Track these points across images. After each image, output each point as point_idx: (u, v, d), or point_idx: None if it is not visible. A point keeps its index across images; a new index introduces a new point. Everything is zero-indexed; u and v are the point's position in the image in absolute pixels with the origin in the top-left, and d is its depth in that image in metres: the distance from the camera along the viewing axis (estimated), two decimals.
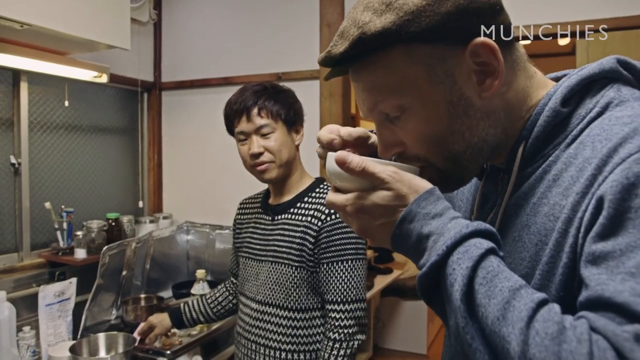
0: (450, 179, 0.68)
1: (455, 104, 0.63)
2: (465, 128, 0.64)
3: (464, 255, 0.55)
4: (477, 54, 0.62)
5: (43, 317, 1.77)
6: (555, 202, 0.59)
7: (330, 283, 1.36)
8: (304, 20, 2.43)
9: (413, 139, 0.66)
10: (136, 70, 2.62)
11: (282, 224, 1.45)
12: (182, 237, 2.61)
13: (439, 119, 0.63)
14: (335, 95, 2.36)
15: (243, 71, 2.57)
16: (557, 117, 0.63)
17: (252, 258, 1.51)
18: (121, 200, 2.64)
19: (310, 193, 1.46)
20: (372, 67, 0.64)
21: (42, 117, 2.19)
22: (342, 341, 1.33)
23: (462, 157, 0.66)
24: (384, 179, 0.61)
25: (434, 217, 0.59)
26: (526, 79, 0.67)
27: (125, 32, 1.95)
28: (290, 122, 1.46)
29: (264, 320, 1.43)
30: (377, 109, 0.67)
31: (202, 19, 2.71)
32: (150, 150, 2.79)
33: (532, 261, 0.61)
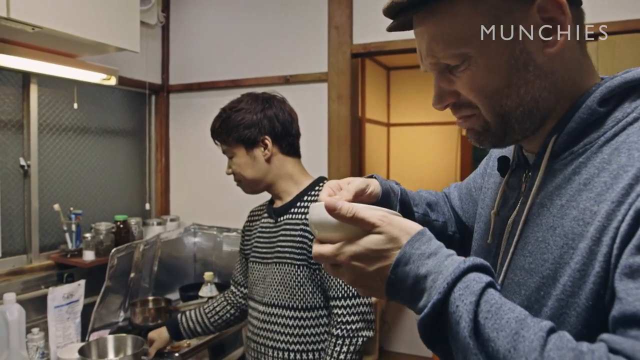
0: (492, 134, 0.67)
1: (517, 57, 0.62)
2: (522, 83, 0.63)
3: (466, 291, 0.54)
4: (545, 10, 0.61)
5: (52, 319, 1.77)
6: (586, 207, 0.58)
7: (332, 279, 1.37)
8: (312, 23, 2.43)
9: (469, 88, 0.65)
10: (144, 72, 2.63)
11: (284, 224, 1.47)
12: (189, 240, 2.61)
13: (498, 70, 0.63)
14: (343, 97, 2.36)
15: (251, 74, 2.58)
16: (592, 115, 0.63)
17: (259, 262, 1.53)
18: (129, 202, 2.64)
19: (309, 192, 1.48)
20: (438, 14, 0.64)
21: (51, 120, 2.20)
22: (345, 337, 1.32)
23: (511, 114, 0.65)
24: (374, 223, 0.61)
25: (429, 256, 0.59)
26: (583, 57, 0.67)
27: (134, 35, 1.95)
28: (247, 141, 1.46)
29: (271, 322, 1.44)
30: (438, 59, 0.66)
31: (210, 21, 2.71)
32: (158, 153, 2.79)
33: (556, 264, 0.60)
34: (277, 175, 1.49)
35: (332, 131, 2.39)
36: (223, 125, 1.48)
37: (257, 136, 1.45)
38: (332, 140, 2.39)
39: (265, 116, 1.46)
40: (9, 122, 2.04)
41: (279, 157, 1.49)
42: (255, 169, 1.47)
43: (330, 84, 2.38)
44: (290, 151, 1.52)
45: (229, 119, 1.46)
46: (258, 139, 1.46)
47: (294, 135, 1.53)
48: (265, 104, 1.48)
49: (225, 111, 1.49)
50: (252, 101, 1.48)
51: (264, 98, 1.50)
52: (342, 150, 2.37)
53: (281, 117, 1.48)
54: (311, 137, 2.45)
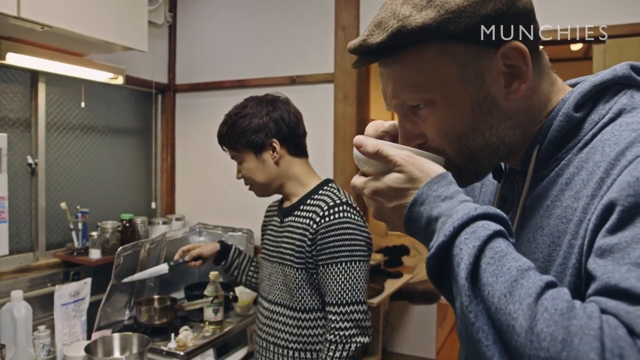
0: (465, 174, 0.70)
1: (480, 102, 0.65)
2: (486, 127, 0.66)
3: (472, 236, 0.55)
4: (508, 57, 0.64)
5: (58, 317, 1.78)
6: (568, 205, 0.61)
7: (327, 285, 1.38)
8: (319, 24, 2.43)
9: (434, 132, 0.67)
10: (151, 72, 2.64)
11: (288, 226, 1.49)
12: (194, 239, 2.61)
13: (463, 116, 0.65)
14: (349, 98, 2.36)
15: (257, 74, 2.58)
16: (570, 122, 0.65)
17: (267, 259, 1.56)
18: (135, 201, 2.65)
19: (313, 195, 1.49)
20: (405, 61, 0.65)
21: (58, 118, 2.21)
22: (337, 343, 1.33)
23: (478, 154, 0.67)
24: (396, 161, 0.63)
25: (444, 199, 0.60)
26: (549, 85, 0.69)
27: (142, 34, 1.96)
28: (255, 146, 1.47)
29: (274, 320, 1.48)
30: (403, 102, 0.68)
31: (217, 21, 2.72)
32: (164, 152, 2.80)
33: (545, 262, 0.62)
34: (286, 177, 1.51)
35: (338, 132, 2.39)
36: (230, 132, 1.49)
37: (265, 140, 1.47)
38: (338, 141, 2.39)
39: (271, 119, 1.47)
40: (17, 120, 2.05)
41: (287, 159, 1.50)
42: (265, 173, 1.49)
43: (337, 84, 2.38)
44: (298, 152, 1.53)
45: (236, 125, 1.47)
46: (266, 143, 1.47)
47: (301, 136, 1.54)
48: (270, 106, 1.49)
49: (231, 117, 1.50)
50: (257, 105, 1.49)
51: (268, 101, 1.50)
52: (348, 151, 2.37)
53: (287, 119, 1.49)
54: (317, 138, 2.45)
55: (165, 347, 1.91)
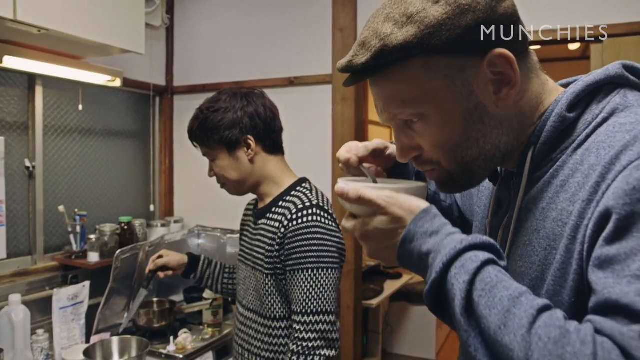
0: (457, 183, 0.71)
1: (471, 111, 0.65)
2: (480, 135, 0.66)
3: (461, 270, 0.56)
4: (494, 64, 0.63)
5: (57, 320, 1.78)
6: (563, 208, 0.61)
7: (293, 292, 1.29)
8: (316, 25, 2.43)
9: (429, 144, 0.68)
10: (148, 74, 2.64)
11: (260, 229, 1.42)
12: (193, 241, 2.61)
13: (455, 126, 0.66)
14: (348, 99, 2.36)
15: (255, 76, 2.58)
16: (563, 122, 0.65)
17: (242, 262, 1.50)
18: (133, 204, 2.64)
19: (285, 196, 1.40)
20: (391, 78, 0.66)
21: (56, 121, 2.21)
22: (300, 354, 1.24)
23: (474, 164, 0.68)
24: (379, 204, 0.64)
25: (431, 235, 0.61)
26: (539, 86, 0.69)
27: (139, 37, 1.96)
28: (229, 143, 1.38)
29: (248, 326, 1.42)
30: (394, 116, 0.69)
31: (215, 23, 2.72)
32: (162, 154, 2.80)
33: (542, 265, 0.63)
34: (261, 176, 1.43)
35: (337, 133, 2.39)
36: (202, 127, 1.39)
37: (239, 137, 1.38)
38: (337, 142, 2.39)
39: (246, 114, 1.38)
40: (15, 123, 2.05)
41: (262, 157, 1.42)
42: (239, 171, 1.40)
43: (335, 85, 2.38)
44: (274, 149, 1.45)
45: (208, 120, 1.37)
46: (240, 140, 1.38)
47: (277, 132, 1.46)
48: (245, 100, 1.40)
49: (203, 111, 1.40)
50: (231, 98, 1.40)
51: (242, 94, 1.42)
52: None
53: (262, 114, 1.41)
54: (315, 139, 2.45)
55: (164, 350, 1.90)
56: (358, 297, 2.43)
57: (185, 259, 1.66)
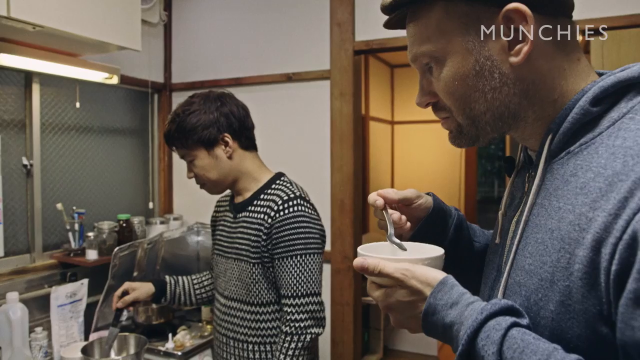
0: (464, 135, 0.72)
1: (482, 63, 0.65)
2: (488, 89, 0.65)
3: (487, 342, 0.58)
4: (510, 19, 0.63)
5: (55, 318, 1.78)
6: (582, 213, 0.58)
7: (283, 278, 1.39)
8: (314, 20, 2.42)
9: (442, 90, 0.69)
10: (146, 71, 2.63)
11: (242, 221, 1.48)
12: (192, 238, 2.60)
13: (465, 76, 0.66)
14: (346, 95, 2.34)
15: (253, 72, 2.57)
16: (585, 115, 0.63)
17: (221, 255, 1.55)
18: (132, 201, 2.64)
19: (266, 190, 1.48)
20: (416, 18, 0.70)
21: (53, 119, 2.20)
22: (293, 334, 1.36)
23: (481, 119, 0.68)
24: (397, 278, 0.67)
25: (451, 306, 0.63)
26: (565, 61, 0.66)
27: (136, 33, 1.95)
28: (207, 142, 1.44)
29: (232, 315, 1.49)
30: (415, 57, 0.71)
31: (212, 19, 2.71)
32: (161, 152, 2.79)
33: (553, 267, 0.60)
34: (239, 172, 1.50)
35: (335, 129, 2.38)
36: (179, 129, 1.45)
37: (217, 135, 1.44)
38: (335, 138, 2.38)
39: (221, 114, 1.45)
40: (12, 121, 2.04)
41: (239, 153, 1.49)
42: (219, 169, 1.47)
43: (333, 81, 2.36)
44: (249, 145, 1.52)
45: (185, 122, 1.44)
46: (218, 138, 1.45)
47: (250, 129, 1.53)
48: (218, 101, 1.47)
49: (179, 115, 1.46)
50: (204, 101, 1.46)
51: (215, 96, 1.49)
52: (345, 148, 2.36)
53: (236, 113, 1.48)
54: (314, 135, 2.44)
55: (162, 348, 1.90)
56: (358, 293, 2.42)
57: (152, 287, 1.67)
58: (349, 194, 2.36)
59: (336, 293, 2.39)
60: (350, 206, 2.36)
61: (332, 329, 2.39)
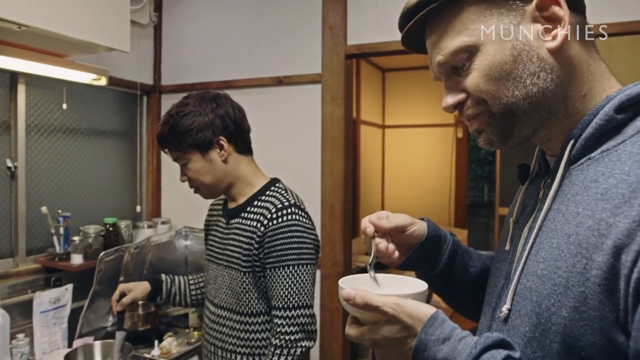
0: (499, 128, 0.69)
1: (520, 49, 0.65)
2: (527, 74, 0.65)
3: None
4: (544, 7, 0.64)
5: (38, 325, 1.74)
6: (602, 218, 0.57)
7: (274, 289, 1.35)
8: (306, 23, 2.40)
9: (475, 83, 0.68)
10: (136, 73, 2.59)
11: (234, 228, 1.45)
12: (180, 243, 2.57)
13: (503, 62, 0.65)
14: (337, 99, 2.33)
15: (244, 75, 2.55)
16: (609, 122, 0.63)
17: (212, 261, 1.52)
18: (119, 204, 2.60)
19: (260, 196, 1.44)
20: (445, 15, 0.69)
21: (39, 120, 2.16)
22: (283, 347, 1.32)
23: (518, 107, 0.66)
24: (387, 312, 0.65)
25: (443, 341, 0.63)
26: (590, 58, 0.67)
27: (125, 35, 1.92)
28: (202, 145, 1.40)
29: (221, 324, 1.45)
30: (446, 57, 0.69)
31: (203, 21, 2.68)
32: (149, 154, 2.76)
33: (568, 272, 0.59)
34: (234, 176, 1.45)
35: (326, 133, 2.36)
36: (173, 132, 1.40)
37: (212, 138, 1.40)
38: (326, 143, 2.36)
39: (217, 116, 1.41)
40: None
41: (234, 157, 1.45)
42: (214, 173, 1.42)
43: (324, 85, 2.35)
44: (244, 149, 1.48)
45: (179, 124, 1.39)
46: (213, 141, 1.40)
47: (246, 132, 1.49)
48: (214, 103, 1.42)
49: (173, 116, 1.41)
50: (199, 102, 1.42)
51: (210, 97, 1.44)
52: (336, 152, 2.34)
53: (232, 115, 1.44)
54: (304, 139, 2.42)
55: (148, 355, 1.87)
56: None
57: (148, 286, 1.64)
58: (340, 198, 2.34)
59: (325, 299, 2.37)
60: (341, 211, 2.34)
61: (321, 335, 2.37)
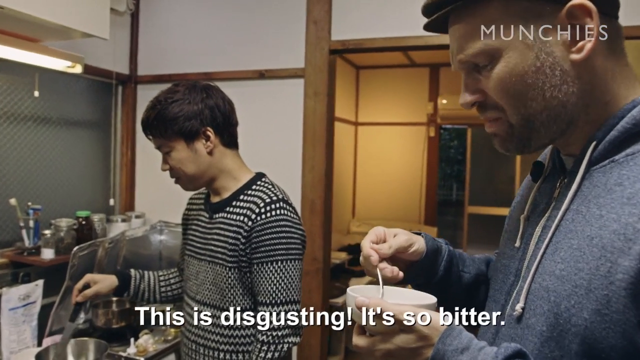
0: (516, 138, 0.69)
1: (543, 59, 0.64)
2: (548, 86, 0.64)
3: None
4: (574, 16, 0.62)
5: (6, 322, 1.66)
6: (629, 223, 0.57)
7: (261, 284, 1.34)
8: (289, 16, 2.37)
9: (495, 88, 0.67)
10: (111, 62, 2.51)
11: (219, 222, 1.42)
12: (155, 237, 2.50)
13: (524, 72, 0.64)
14: (320, 94, 2.31)
15: (224, 67, 2.50)
16: (636, 126, 0.63)
17: (193, 256, 1.48)
18: (91, 197, 2.52)
19: (246, 190, 1.42)
20: (472, 13, 0.67)
21: (9, 108, 2.06)
22: (270, 344, 1.30)
23: (536, 118, 0.66)
24: (403, 321, 0.64)
25: (462, 351, 0.62)
26: (617, 65, 0.66)
27: (104, 21, 1.85)
28: (188, 134, 1.37)
29: (203, 321, 1.42)
30: (467, 57, 0.68)
31: (183, 10, 2.61)
32: (124, 146, 2.68)
33: (591, 274, 0.59)
34: (218, 169, 1.43)
35: (308, 129, 2.34)
36: (160, 118, 1.36)
37: (199, 128, 1.37)
38: (308, 138, 2.34)
39: (206, 106, 1.38)
40: None
41: (220, 150, 1.42)
42: (197, 164, 1.39)
43: (307, 80, 2.33)
44: (231, 142, 1.46)
45: (167, 110, 1.35)
46: (200, 131, 1.38)
47: (234, 125, 1.47)
48: (204, 93, 1.39)
49: (161, 102, 1.37)
50: (189, 91, 1.39)
51: (201, 87, 1.41)
52: (318, 148, 2.32)
53: (222, 107, 1.41)
54: (285, 134, 2.40)
55: (124, 353, 1.81)
56: (326, 295, 2.39)
57: (115, 280, 1.58)
58: (320, 194, 2.32)
59: (304, 295, 2.35)
60: (321, 207, 2.33)
61: None
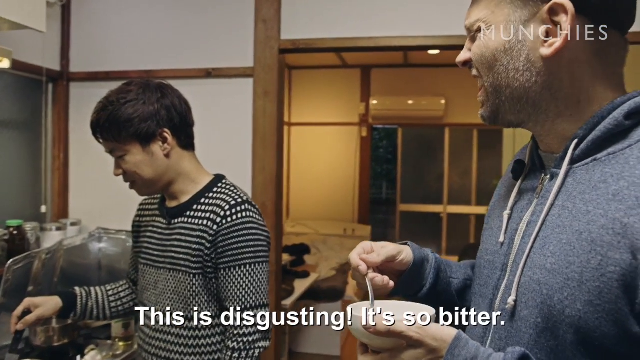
0: (489, 106, 0.75)
1: (513, 44, 0.69)
2: (511, 67, 0.70)
3: None
4: (554, 12, 0.66)
5: None
6: (616, 218, 0.60)
7: (229, 289, 1.30)
8: (237, 14, 2.32)
9: (474, 51, 0.74)
10: (40, 57, 2.31)
11: (178, 228, 1.37)
12: (94, 246, 2.34)
13: (496, 48, 0.71)
14: (270, 94, 2.27)
15: (168, 65, 2.39)
16: (618, 127, 0.66)
17: (150, 265, 1.42)
18: (21, 205, 2.31)
19: (207, 193, 1.37)
20: None
21: None
22: (241, 350, 1.27)
23: (502, 91, 0.72)
24: (411, 337, 0.65)
25: None
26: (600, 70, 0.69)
27: (39, 11, 1.71)
28: (144, 137, 1.31)
29: (165, 332, 1.35)
30: (467, 24, 0.76)
31: (121, 3, 2.47)
32: (55, 149, 2.49)
33: (582, 267, 0.62)
34: (176, 172, 1.37)
35: (258, 129, 2.30)
36: (112, 120, 1.28)
37: (155, 130, 1.30)
38: (257, 139, 2.30)
39: (162, 106, 1.31)
40: None
41: (177, 152, 1.36)
42: (154, 167, 1.33)
43: (257, 79, 2.28)
44: (188, 144, 1.40)
45: (119, 112, 1.28)
46: (156, 133, 1.31)
47: (191, 126, 1.42)
48: (159, 92, 1.33)
49: (113, 103, 1.29)
50: (144, 90, 1.32)
51: (155, 86, 1.35)
52: (268, 149, 2.29)
53: (178, 107, 1.35)
54: (234, 135, 2.35)
55: None
56: (278, 298, 2.36)
57: (59, 302, 1.46)
58: (271, 196, 2.29)
59: None
60: (272, 209, 2.30)
61: None
